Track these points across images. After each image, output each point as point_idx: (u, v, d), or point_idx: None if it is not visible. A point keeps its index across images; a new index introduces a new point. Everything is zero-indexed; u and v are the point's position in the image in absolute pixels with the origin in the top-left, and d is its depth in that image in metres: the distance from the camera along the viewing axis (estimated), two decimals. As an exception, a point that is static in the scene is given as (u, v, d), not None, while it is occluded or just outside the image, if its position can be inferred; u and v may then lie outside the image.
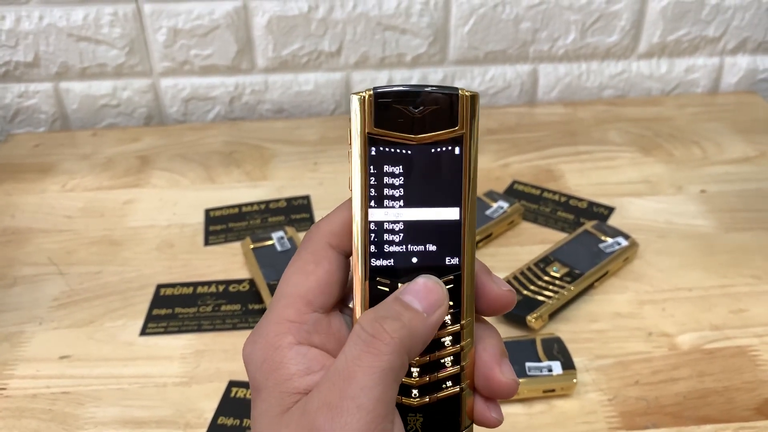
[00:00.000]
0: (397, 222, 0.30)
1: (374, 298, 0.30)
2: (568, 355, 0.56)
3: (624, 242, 0.67)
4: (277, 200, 0.78)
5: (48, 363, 0.59)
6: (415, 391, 0.30)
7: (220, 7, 0.89)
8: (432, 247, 0.30)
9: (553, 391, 0.54)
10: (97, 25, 0.90)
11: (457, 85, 0.97)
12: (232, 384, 0.56)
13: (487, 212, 0.71)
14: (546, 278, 0.63)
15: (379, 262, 0.30)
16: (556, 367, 0.55)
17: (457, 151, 0.29)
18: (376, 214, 0.30)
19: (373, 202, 0.30)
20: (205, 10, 0.90)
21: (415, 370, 0.30)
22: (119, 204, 0.79)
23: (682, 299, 0.63)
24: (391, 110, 0.29)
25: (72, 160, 0.88)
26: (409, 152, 0.29)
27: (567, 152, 0.86)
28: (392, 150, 0.29)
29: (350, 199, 0.30)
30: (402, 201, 0.30)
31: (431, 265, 0.30)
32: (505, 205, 0.72)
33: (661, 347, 0.59)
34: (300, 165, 0.85)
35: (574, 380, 0.54)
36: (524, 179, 0.80)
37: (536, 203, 0.76)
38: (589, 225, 0.69)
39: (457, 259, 0.30)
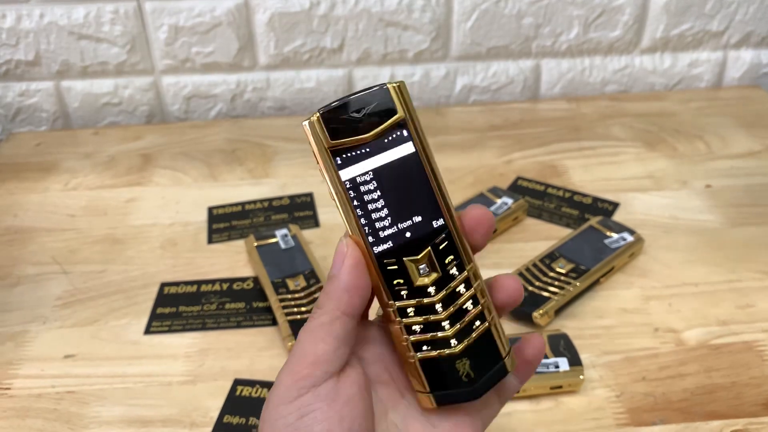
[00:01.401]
0: (381, 209, 0.33)
1: (388, 278, 0.34)
2: (575, 352, 0.55)
3: (629, 238, 0.67)
4: (280, 198, 0.78)
5: (52, 362, 0.59)
6: (453, 341, 0.34)
7: (222, 4, 0.89)
8: (417, 218, 0.34)
9: (560, 387, 0.54)
10: (98, 23, 0.89)
11: (459, 81, 0.96)
12: (237, 382, 0.56)
13: (492, 208, 0.71)
14: (551, 274, 0.63)
15: (380, 248, 0.33)
16: (563, 363, 0.54)
17: (405, 133, 0.33)
18: (362, 209, 0.33)
19: (356, 201, 0.33)
20: (206, 8, 0.89)
21: (446, 323, 0.34)
22: (122, 202, 0.79)
23: (689, 295, 0.63)
24: (339, 122, 0.33)
25: (74, 158, 0.87)
26: (368, 149, 0.33)
27: (571, 148, 0.86)
28: (354, 153, 0.33)
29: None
30: (379, 191, 0.33)
31: (423, 233, 0.34)
32: (509, 201, 0.72)
33: (667, 343, 0.58)
34: (303, 162, 0.85)
35: (581, 376, 0.54)
36: (528, 175, 0.80)
37: (540, 199, 0.76)
38: (594, 221, 0.69)
39: (441, 219, 0.34)
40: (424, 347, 0.34)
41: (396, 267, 0.33)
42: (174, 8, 0.89)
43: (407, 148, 0.33)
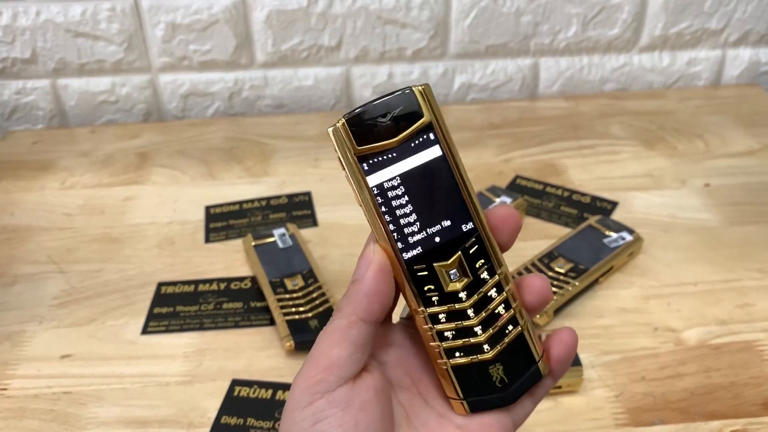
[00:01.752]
0: (410, 214, 0.33)
1: (418, 284, 0.33)
2: (574, 352, 0.55)
3: (628, 237, 0.66)
4: (278, 197, 0.78)
5: (49, 362, 0.59)
6: (485, 347, 0.34)
7: (219, 1, 0.89)
8: (447, 223, 0.33)
9: (559, 387, 0.54)
10: (95, 20, 0.89)
11: (457, 79, 0.96)
12: (235, 383, 0.56)
13: (489, 207, 0.71)
14: (550, 274, 0.62)
15: (410, 254, 0.33)
16: (562, 363, 0.54)
17: (432, 136, 0.33)
18: (390, 215, 0.33)
19: (383, 207, 0.33)
20: (203, 5, 0.89)
21: (478, 329, 0.34)
22: (119, 201, 0.78)
23: (688, 294, 0.63)
24: (365, 127, 0.32)
25: (71, 157, 0.87)
26: (394, 154, 0.33)
27: (569, 146, 0.85)
28: (381, 158, 0.33)
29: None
30: (407, 196, 0.33)
31: (452, 238, 0.33)
32: (508, 200, 0.72)
33: (667, 342, 0.58)
34: (301, 161, 0.85)
35: (581, 376, 0.54)
36: (527, 174, 0.80)
37: (539, 198, 0.76)
38: (593, 220, 0.69)
39: (471, 222, 0.33)
40: (457, 353, 0.34)
41: (426, 273, 0.33)
42: (171, 6, 0.89)
43: (434, 152, 0.33)
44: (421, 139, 0.33)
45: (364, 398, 0.32)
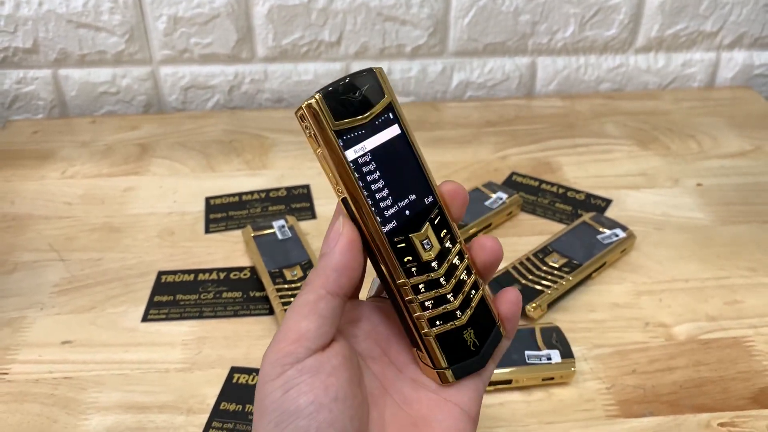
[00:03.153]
0: (383, 189, 0.34)
1: (399, 256, 0.34)
2: (567, 344, 0.56)
3: (621, 234, 0.68)
4: (277, 189, 0.79)
5: (50, 348, 0.59)
6: (458, 312, 0.35)
7: (221, -5, 0.89)
8: (413, 196, 0.35)
9: (552, 379, 0.55)
10: (97, 11, 0.89)
11: (455, 76, 0.97)
12: (234, 370, 0.57)
13: (486, 203, 0.72)
14: (545, 268, 0.64)
15: (388, 227, 0.34)
16: (555, 355, 0.55)
17: (392, 115, 0.34)
18: (366, 190, 0.34)
19: (360, 182, 0.33)
20: (205, -1, 0.89)
21: (450, 296, 0.35)
22: (119, 191, 0.79)
23: (679, 290, 0.64)
24: (339, 103, 0.33)
25: (71, 147, 0.88)
26: (364, 131, 0.33)
27: (565, 145, 0.87)
28: (353, 134, 0.33)
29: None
30: (378, 171, 0.34)
31: (419, 210, 0.35)
32: (504, 196, 0.73)
33: (657, 337, 0.59)
34: (299, 154, 0.85)
35: (573, 369, 0.55)
36: (523, 171, 0.81)
37: (535, 195, 0.77)
38: (587, 216, 0.70)
39: (431, 195, 0.35)
40: (438, 322, 0.35)
41: (404, 244, 0.34)
42: (173, -1, 0.89)
43: (395, 130, 0.34)
44: (384, 117, 0.34)
45: (334, 364, 0.32)
